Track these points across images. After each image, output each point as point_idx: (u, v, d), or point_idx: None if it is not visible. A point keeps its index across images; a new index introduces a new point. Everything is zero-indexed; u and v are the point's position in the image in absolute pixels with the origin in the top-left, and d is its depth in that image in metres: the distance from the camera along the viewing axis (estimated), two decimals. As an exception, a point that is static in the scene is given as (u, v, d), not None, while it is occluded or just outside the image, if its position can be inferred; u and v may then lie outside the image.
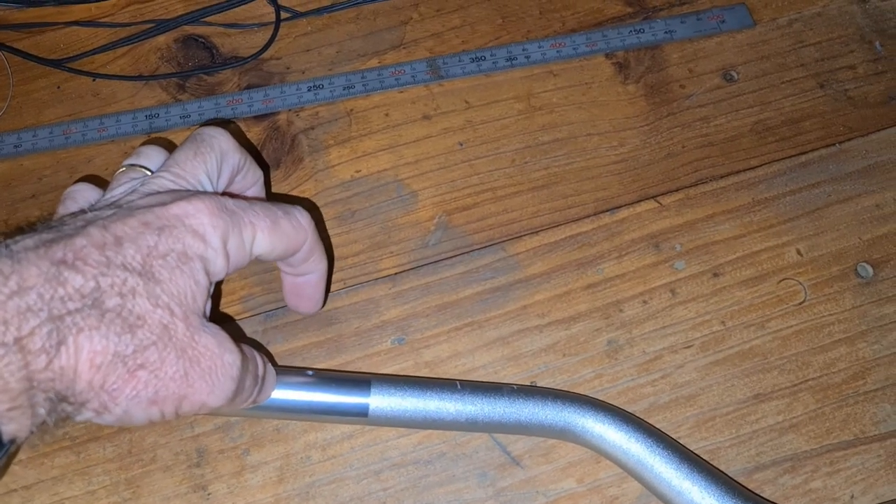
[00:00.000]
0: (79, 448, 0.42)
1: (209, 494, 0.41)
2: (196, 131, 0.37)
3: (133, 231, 0.31)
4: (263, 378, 0.36)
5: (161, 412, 0.32)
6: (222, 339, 0.32)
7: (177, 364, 0.31)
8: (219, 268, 0.33)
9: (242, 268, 0.35)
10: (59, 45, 0.54)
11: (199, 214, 0.32)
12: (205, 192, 0.35)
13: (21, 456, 0.41)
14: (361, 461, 0.41)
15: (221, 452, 0.42)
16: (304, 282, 0.40)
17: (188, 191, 0.34)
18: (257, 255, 0.35)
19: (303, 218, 0.37)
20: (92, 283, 0.28)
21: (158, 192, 0.34)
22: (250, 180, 0.40)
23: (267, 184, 0.46)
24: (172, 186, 0.34)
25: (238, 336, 0.38)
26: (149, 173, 0.36)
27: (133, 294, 0.29)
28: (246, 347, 0.35)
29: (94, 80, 0.53)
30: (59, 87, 0.53)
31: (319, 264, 0.40)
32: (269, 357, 0.43)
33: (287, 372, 0.39)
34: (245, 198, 0.37)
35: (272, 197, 0.48)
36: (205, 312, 0.33)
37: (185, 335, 0.31)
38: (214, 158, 0.36)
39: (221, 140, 0.37)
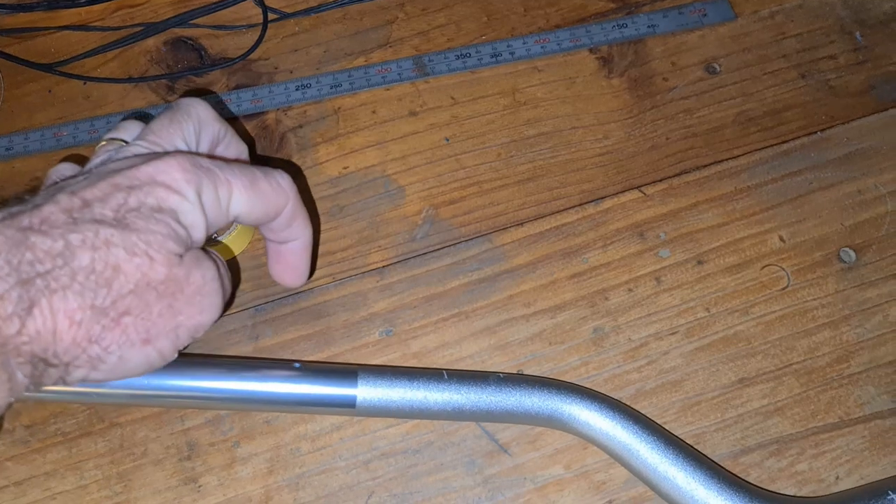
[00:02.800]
0: (70, 443, 0.42)
1: (200, 487, 0.41)
2: (174, 101, 0.37)
3: (102, 193, 0.31)
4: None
5: (158, 351, 0.32)
6: (199, 258, 0.33)
7: (160, 302, 0.31)
8: (195, 220, 0.32)
9: (220, 227, 0.35)
10: (50, 50, 0.55)
11: (170, 170, 0.32)
12: (178, 151, 0.35)
13: (13, 452, 0.42)
14: (350, 451, 0.42)
15: (212, 445, 0.42)
16: (287, 249, 0.39)
17: (160, 152, 0.34)
18: (236, 216, 0.35)
19: (283, 180, 0.36)
20: (61, 243, 0.29)
21: (129, 157, 0.33)
22: (233, 152, 0.40)
23: (252, 159, 0.46)
24: (145, 152, 0.34)
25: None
26: (126, 144, 0.36)
27: (107, 245, 0.29)
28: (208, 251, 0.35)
29: (84, 83, 0.54)
30: (50, 91, 0.53)
31: (303, 230, 0.39)
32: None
33: (274, 365, 0.40)
34: (223, 158, 0.37)
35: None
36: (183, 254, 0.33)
37: (167, 276, 0.31)
38: (192, 126, 0.36)
39: (199, 108, 0.37)
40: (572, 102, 0.51)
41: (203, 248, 0.34)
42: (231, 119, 0.52)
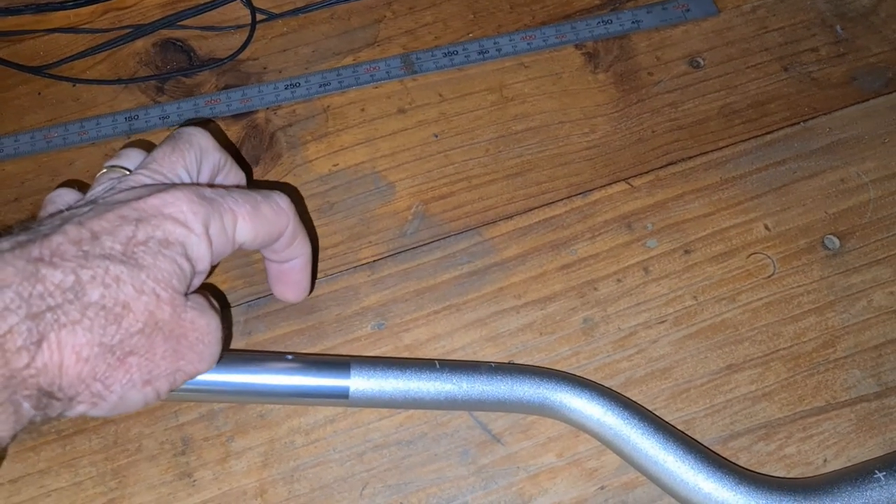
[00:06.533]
0: (65, 441, 0.42)
1: (195, 481, 0.41)
2: (175, 131, 0.38)
3: (110, 225, 0.31)
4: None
5: (156, 391, 0.32)
6: (204, 307, 0.33)
7: (165, 344, 0.31)
8: (202, 253, 0.33)
9: (226, 256, 0.35)
10: (39, 53, 0.55)
11: (177, 202, 0.33)
12: (182, 184, 0.35)
13: (7, 450, 0.42)
14: (344, 444, 0.42)
15: (206, 440, 0.42)
16: (289, 268, 0.40)
17: (165, 184, 0.35)
18: (241, 243, 0.35)
19: (283, 201, 0.37)
20: (71, 278, 0.29)
21: (135, 188, 0.34)
22: (232, 181, 0.40)
23: (250, 186, 0.47)
24: (149, 182, 0.35)
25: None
26: (128, 173, 0.36)
27: (117, 282, 0.30)
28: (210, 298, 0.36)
29: (74, 85, 0.54)
30: (39, 94, 0.54)
31: (303, 248, 0.40)
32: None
33: (267, 357, 0.40)
34: (223, 186, 0.38)
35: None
36: (188, 293, 0.33)
37: (172, 316, 0.31)
38: (193, 155, 0.37)
39: (200, 138, 0.38)
40: (559, 97, 0.52)
41: (208, 299, 0.35)
42: (204, 122, 0.52)
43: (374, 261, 0.47)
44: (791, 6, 0.54)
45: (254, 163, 0.50)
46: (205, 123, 0.52)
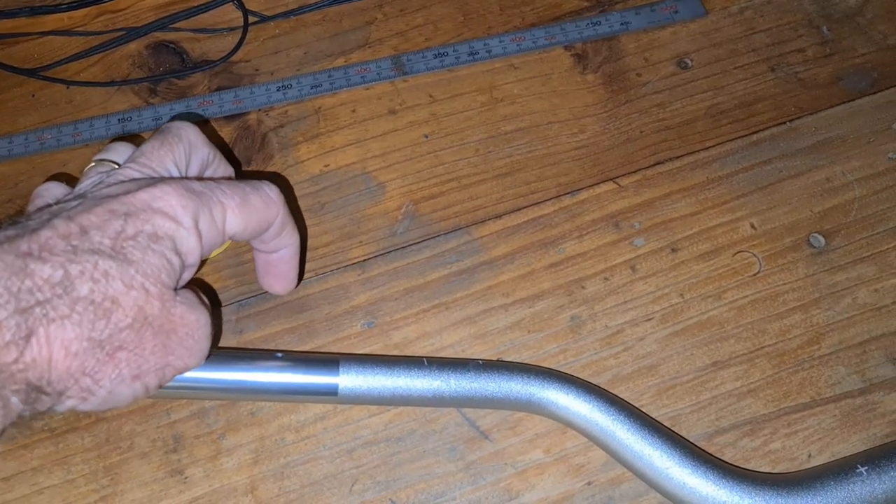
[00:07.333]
0: (57, 439, 0.43)
1: (186, 478, 0.42)
2: (164, 125, 0.38)
3: (98, 219, 0.31)
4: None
5: (145, 386, 0.32)
6: (193, 302, 0.33)
7: (154, 339, 0.32)
8: (191, 247, 0.33)
9: (216, 248, 0.36)
10: (33, 55, 0.56)
11: (166, 197, 0.33)
12: (171, 177, 0.35)
13: (0, 448, 0.42)
14: (334, 441, 0.42)
15: (197, 438, 0.43)
16: (278, 258, 0.40)
17: (154, 178, 0.35)
18: (231, 235, 0.36)
19: (271, 191, 0.37)
20: (60, 272, 0.29)
21: (124, 182, 0.34)
22: (221, 175, 0.40)
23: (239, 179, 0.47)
24: (138, 176, 0.35)
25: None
26: (117, 167, 0.37)
27: (106, 277, 0.30)
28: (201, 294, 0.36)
29: (67, 87, 0.54)
30: (33, 96, 0.54)
31: (292, 238, 0.40)
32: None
33: (257, 355, 0.40)
34: (211, 178, 0.37)
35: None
36: (177, 287, 0.34)
37: (161, 311, 0.32)
38: (182, 149, 0.37)
39: (189, 132, 0.38)
40: (548, 98, 0.52)
41: (198, 294, 0.35)
42: (201, 123, 0.52)
43: (365, 260, 0.47)
44: (778, 7, 0.55)
45: (245, 163, 0.51)
46: (202, 124, 0.52)
